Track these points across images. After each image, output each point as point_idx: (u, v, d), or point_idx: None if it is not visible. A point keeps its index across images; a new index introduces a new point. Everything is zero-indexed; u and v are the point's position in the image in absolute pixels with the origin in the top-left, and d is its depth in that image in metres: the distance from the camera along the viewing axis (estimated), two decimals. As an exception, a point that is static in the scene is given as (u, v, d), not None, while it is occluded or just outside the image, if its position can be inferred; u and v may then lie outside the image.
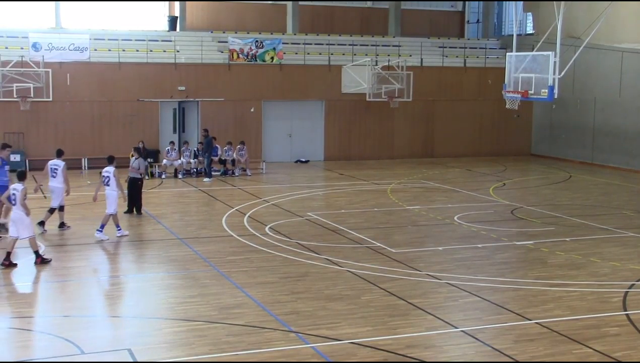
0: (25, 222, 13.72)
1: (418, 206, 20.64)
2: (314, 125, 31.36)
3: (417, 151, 32.80)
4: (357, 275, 13.48)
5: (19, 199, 13.60)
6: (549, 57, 20.45)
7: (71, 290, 12.63)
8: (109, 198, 16.35)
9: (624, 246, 16.15)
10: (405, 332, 10.62)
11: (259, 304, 11.73)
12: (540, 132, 33.96)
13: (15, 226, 13.74)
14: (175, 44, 29.85)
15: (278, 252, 15.10)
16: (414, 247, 15.80)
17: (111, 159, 17.01)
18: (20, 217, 13.69)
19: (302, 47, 31.73)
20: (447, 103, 33.03)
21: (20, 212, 13.68)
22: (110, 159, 17.03)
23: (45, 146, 27.55)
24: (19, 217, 13.69)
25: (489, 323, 11.02)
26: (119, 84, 28.30)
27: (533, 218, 19.07)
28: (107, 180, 16.52)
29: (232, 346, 9.92)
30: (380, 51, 32.74)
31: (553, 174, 28.28)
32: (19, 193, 13.64)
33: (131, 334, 10.56)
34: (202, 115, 29.52)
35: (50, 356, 9.60)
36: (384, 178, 26.24)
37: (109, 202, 16.34)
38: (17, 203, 13.66)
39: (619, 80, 29.36)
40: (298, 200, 21.62)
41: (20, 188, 13.73)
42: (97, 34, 29.36)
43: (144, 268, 14.49)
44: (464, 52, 34.06)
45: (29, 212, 13.83)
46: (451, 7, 39.87)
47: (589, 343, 10.16)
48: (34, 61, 26.63)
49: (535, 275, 13.66)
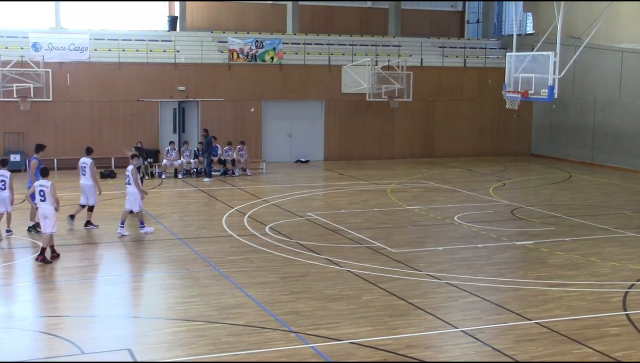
0: (54, 217, 14.14)
1: (418, 206, 20.64)
2: (314, 125, 31.36)
3: (417, 151, 32.80)
4: (357, 275, 13.49)
5: (51, 194, 14.05)
6: (549, 57, 20.46)
7: (71, 290, 12.63)
8: (131, 196, 16.54)
9: (624, 246, 16.15)
10: (405, 332, 10.63)
11: (259, 304, 11.73)
12: (540, 132, 33.96)
13: (45, 221, 14.12)
14: (175, 44, 29.85)
15: (278, 252, 15.10)
16: (414, 247, 15.80)
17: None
18: (51, 212, 14.12)
19: (302, 47, 31.73)
20: (447, 103, 33.03)
21: (51, 207, 14.12)
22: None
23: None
24: (50, 211, 14.12)
25: (489, 323, 11.02)
26: (119, 84, 28.30)
27: (533, 218, 19.07)
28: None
29: (232, 346, 9.92)
30: (380, 51, 32.74)
31: (553, 173, 28.29)
32: (49, 189, 14.09)
33: (131, 334, 10.56)
34: (202, 115, 29.52)
35: (50, 356, 9.61)
36: (384, 178, 26.24)
37: (130, 200, 16.53)
38: (47, 199, 14.08)
39: (619, 80, 29.36)
40: (298, 200, 21.62)
41: (48, 184, 14.14)
42: (97, 34, 29.36)
43: (144, 268, 14.49)
44: (464, 52, 34.06)
45: (59, 208, 14.34)
46: (451, 7, 39.87)
47: (589, 343, 10.17)
48: (34, 61, 26.63)
49: (535, 275, 13.66)
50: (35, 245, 15.42)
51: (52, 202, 14.08)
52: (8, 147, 27.04)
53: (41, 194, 14.09)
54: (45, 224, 14.06)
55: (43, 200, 14.12)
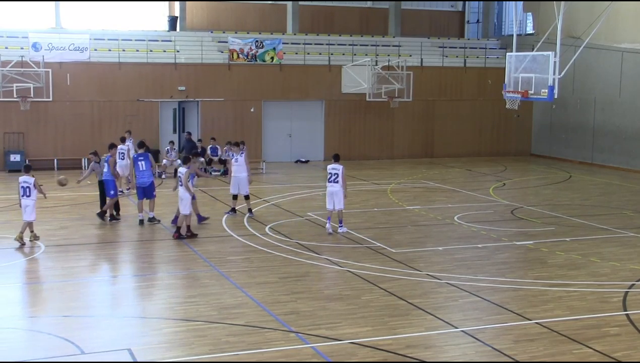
0: (187, 199, 16.12)
1: (418, 206, 20.65)
2: (314, 125, 31.36)
3: (417, 151, 32.80)
4: (357, 275, 13.49)
5: (183, 180, 16.14)
6: (549, 57, 20.44)
7: (71, 290, 12.62)
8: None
9: (624, 246, 16.15)
10: (405, 332, 10.63)
11: (259, 304, 11.73)
12: (540, 132, 33.96)
13: (181, 204, 16.16)
14: (175, 44, 29.85)
15: (278, 252, 15.10)
16: (414, 247, 15.80)
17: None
18: (185, 195, 16.12)
19: (302, 47, 31.74)
20: (447, 103, 33.03)
21: (184, 191, 16.09)
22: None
23: (45, 146, 27.59)
24: (184, 195, 16.12)
25: (489, 323, 11.02)
26: (119, 84, 28.30)
27: (533, 218, 19.07)
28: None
29: (232, 346, 9.92)
30: (380, 51, 32.74)
31: (553, 173, 28.29)
32: (184, 176, 16.15)
33: (131, 334, 10.56)
34: (202, 115, 29.52)
35: (50, 356, 9.61)
36: (384, 178, 26.24)
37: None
38: (182, 184, 16.15)
39: (619, 80, 29.36)
40: (298, 200, 21.62)
41: (184, 171, 16.24)
42: (97, 34, 29.36)
43: (144, 268, 14.48)
44: (464, 52, 34.06)
45: (192, 192, 16.26)
46: (451, 7, 39.87)
47: (589, 343, 10.17)
48: (34, 61, 26.63)
49: (535, 275, 13.66)
50: (34, 245, 15.43)
51: (186, 187, 16.04)
52: (8, 147, 27.05)
53: (179, 180, 16.23)
54: (182, 206, 16.18)
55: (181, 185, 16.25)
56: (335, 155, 17.33)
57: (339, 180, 16.84)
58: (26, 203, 15.54)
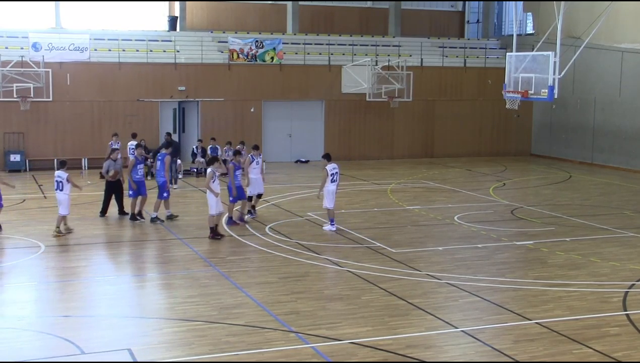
0: (212, 200, 16.07)
1: (418, 206, 20.64)
2: (314, 125, 31.36)
3: (417, 151, 32.80)
4: (357, 275, 13.48)
5: (206, 182, 16.37)
6: (549, 57, 20.45)
7: (71, 290, 12.62)
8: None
9: (624, 246, 16.15)
10: (405, 332, 10.62)
11: (259, 304, 11.73)
12: (540, 132, 33.96)
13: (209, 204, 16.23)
14: (175, 44, 29.86)
15: (278, 252, 15.10)
16: (414, 247, 15.80)
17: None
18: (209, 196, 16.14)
19: (302, 47, 31.74)
20: (447, 103, 33.04)
21: (209, 193, 16.12)
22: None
23: (45, 146, 27.60)
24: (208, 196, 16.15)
25: (489, 323, 11.02)
26: (119, 84, 28.31)
27: (533, 218, 19.07)
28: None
29: (232, 346, 9.92)
30: (380, 51, 32.74)
31: (553, 173, 28.28)
32: (207, 177, 16.27)
33: (131, 334, 10.55)
34: (202, 115, 29.53)
35: (50, 356, 9.60)
36: (384, 178, 26.24)
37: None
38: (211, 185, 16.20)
39: (619, 80, 29.36)
40: (298, 200, 21.63)
41: (209, 171, 16.32)
42: (97, 34, 29.37)
43: (144, 268, 14.49)
44: (464, 52, 34.06)
45: (216, 193, 16.02)
46: (451, 7, 39.88)
47: (589, 343, 10.16)
48: (34, 61, 26.63)
49: (535, 275, 13.66)
50: (35, 245, 15.44)
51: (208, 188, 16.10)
52: (8, 147, 27.05)
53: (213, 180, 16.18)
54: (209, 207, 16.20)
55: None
56: (327, 155, 17.72)
57: (336, 179, 17.09)
58: (60, 197, 16.29)
